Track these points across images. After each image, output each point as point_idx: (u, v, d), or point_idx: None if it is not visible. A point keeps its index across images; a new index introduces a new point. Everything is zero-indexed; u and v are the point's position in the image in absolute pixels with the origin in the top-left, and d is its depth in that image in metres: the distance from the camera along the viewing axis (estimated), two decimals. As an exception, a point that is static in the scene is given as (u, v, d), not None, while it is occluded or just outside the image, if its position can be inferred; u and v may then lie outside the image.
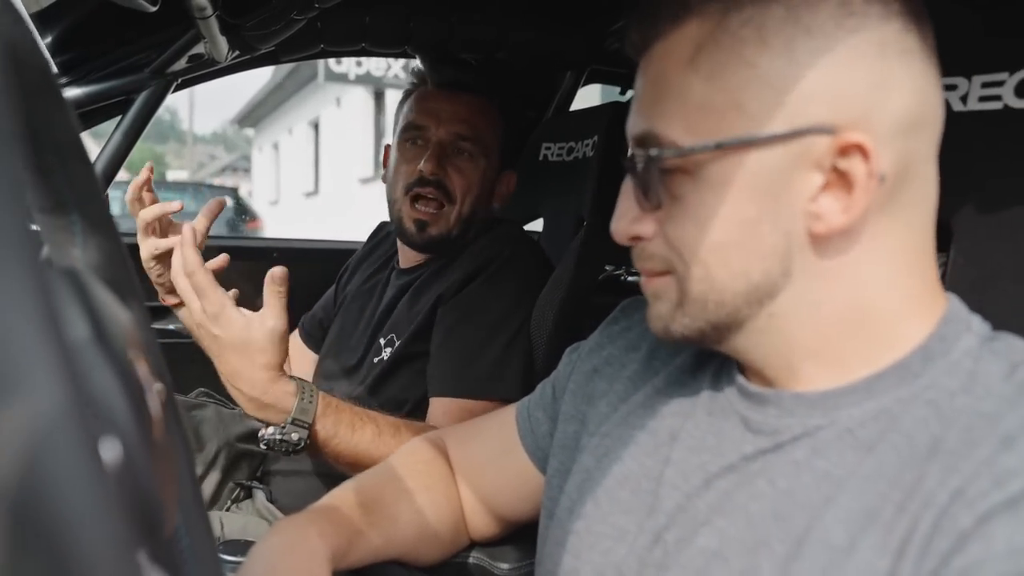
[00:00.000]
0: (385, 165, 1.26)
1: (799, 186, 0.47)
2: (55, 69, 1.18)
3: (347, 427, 0.93)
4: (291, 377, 0.92)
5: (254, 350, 0.88)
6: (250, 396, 0.90)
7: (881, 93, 0.46)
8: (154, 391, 0.29)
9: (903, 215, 0.48)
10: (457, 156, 1.15)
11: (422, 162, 1.13)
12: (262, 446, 0.92)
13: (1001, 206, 0.64)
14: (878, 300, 0.48)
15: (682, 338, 0.52)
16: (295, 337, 1.39)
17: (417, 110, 1.18)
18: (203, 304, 0.88)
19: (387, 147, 1.26)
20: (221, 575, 0.37)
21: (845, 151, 0.45)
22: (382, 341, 1.17)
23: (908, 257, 0.49)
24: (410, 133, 1.17)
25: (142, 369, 0.28)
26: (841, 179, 0.46)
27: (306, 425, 0.90)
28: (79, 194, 0.31)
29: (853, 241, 0.47)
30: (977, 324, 0.49)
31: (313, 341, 1.38)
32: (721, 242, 0.48)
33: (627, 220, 0.52)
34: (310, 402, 0.91)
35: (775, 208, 0.47)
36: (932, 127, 0.49)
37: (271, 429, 0.91)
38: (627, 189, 0.52)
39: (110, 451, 0.25)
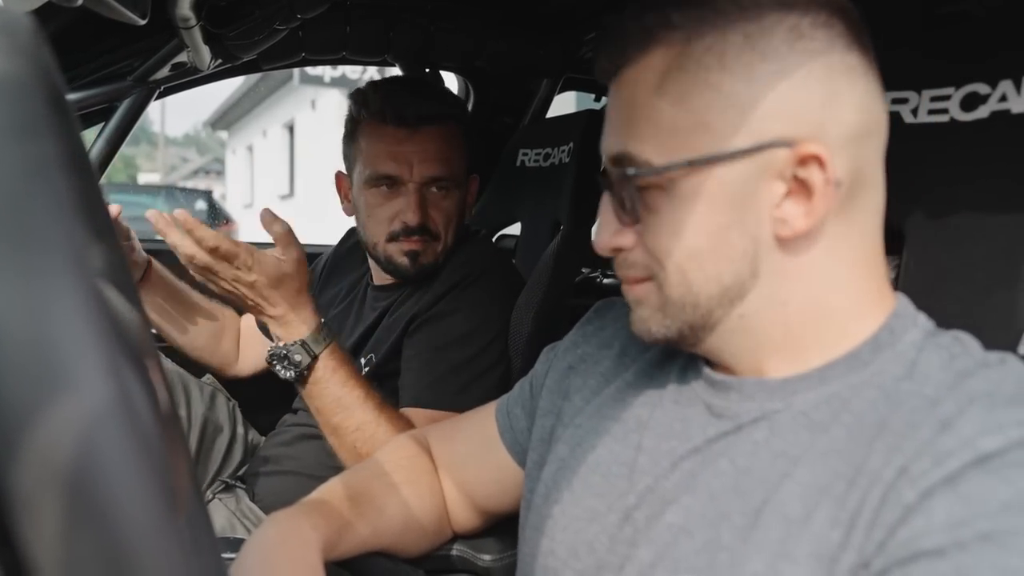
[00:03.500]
0: (344, 196, 1.23)
1: (764, 195, 0.51)
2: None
3: (342, 379, 1.00)
4: (323, 320, 1.01)
5: (288, 279, 0.98)
6: (279, 314, 0.99)
7: (831, 108, 0.50)
8: (163, 387, 0.32)
9: (859, 219, 0.53)
10: (435, 196, 1.14)
11: (407, 213, 1.12)
12: (266, 359, 1.00)
13: (949, 212, 0.69)
14: (835, 298, 0.53)
15: (664, 339, 0.56)
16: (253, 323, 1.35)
17: (384, 156, 1.12)
18: (238, 263, 0.95)
19: (340, 175, 1.23)
20: (222, 564, 0.40)
21: (803, 161, 0.50)
22: (362, 361, 1.18)
23: (862, 259, 0.53)
24: (381, 183, 1.13)
25: (152, 366, 0.31)
26: (801, 187, 0.50)
27: (312, 354, 0.98)
28: (87, 200, 0.34)
29: (813, 242, 0.52)
30: (922, 320, 0.54)
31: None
32: (696, 248, 0.53)
33: (608, 233, 0.56)
34: (325, 339, 1.00)
35: (742, 216, 0.51)
36: (878, 135, 0.53)
37: (282, 343, 0.99)
38: (606, 204, 0.56)
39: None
